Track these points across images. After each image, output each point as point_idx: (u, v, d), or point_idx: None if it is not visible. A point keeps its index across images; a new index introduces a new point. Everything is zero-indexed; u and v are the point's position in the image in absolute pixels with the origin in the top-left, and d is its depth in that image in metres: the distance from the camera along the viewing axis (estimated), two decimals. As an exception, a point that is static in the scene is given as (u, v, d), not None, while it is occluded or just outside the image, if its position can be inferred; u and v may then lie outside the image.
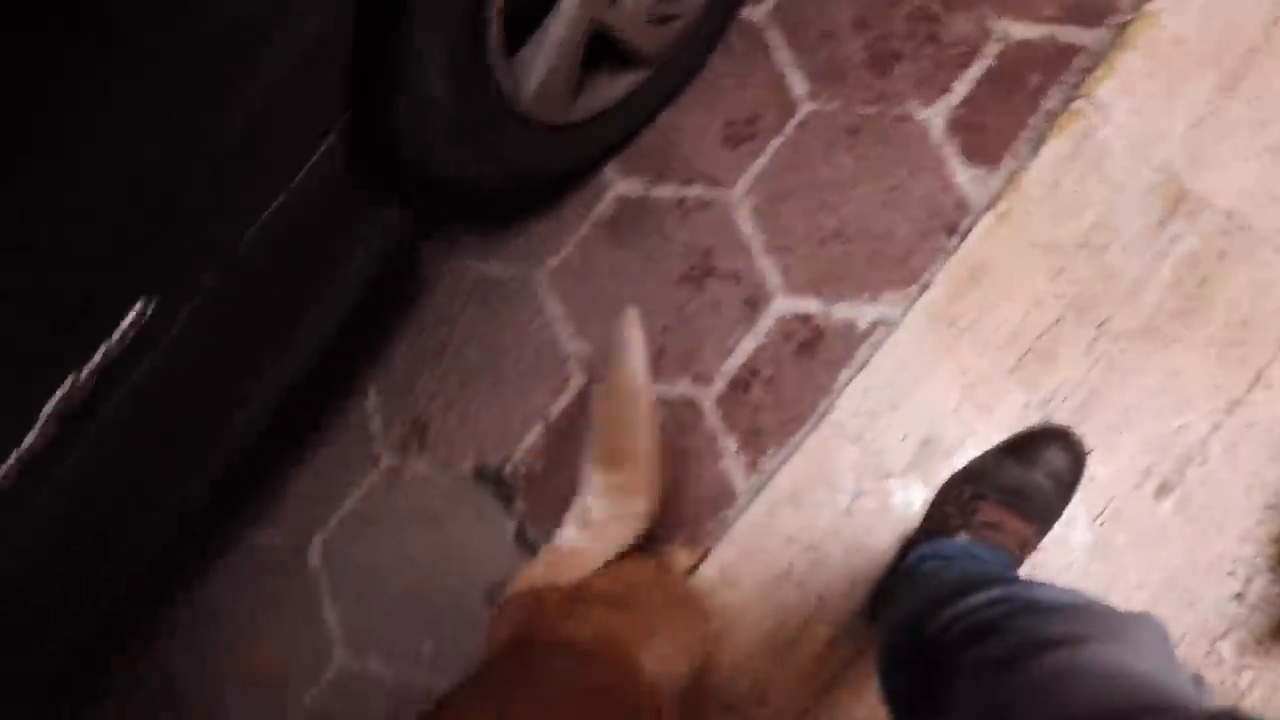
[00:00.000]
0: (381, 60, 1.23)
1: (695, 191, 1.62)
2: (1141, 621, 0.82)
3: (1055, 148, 1.50)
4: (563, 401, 1.57)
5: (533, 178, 1.55)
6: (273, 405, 1.42)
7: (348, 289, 1.40)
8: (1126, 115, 1.48)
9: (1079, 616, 0.86)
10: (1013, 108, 1.55)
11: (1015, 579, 1.10)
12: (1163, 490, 1.33)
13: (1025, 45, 1.59)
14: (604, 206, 1.65)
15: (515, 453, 1.56)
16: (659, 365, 1.53)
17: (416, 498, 1.60)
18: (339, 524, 1.65)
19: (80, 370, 1.16)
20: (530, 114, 1.40)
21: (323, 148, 1.23)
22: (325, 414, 1.68)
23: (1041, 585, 1.00)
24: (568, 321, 1.60)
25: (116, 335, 1.17)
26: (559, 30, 1.35)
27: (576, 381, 1.57)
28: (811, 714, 1.36)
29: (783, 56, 1.67)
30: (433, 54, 1.24)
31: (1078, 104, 1.50)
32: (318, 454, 1.69)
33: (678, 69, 1.65)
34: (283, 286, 1.34)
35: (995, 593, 0.97)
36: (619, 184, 1.66)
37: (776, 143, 1.61)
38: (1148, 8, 1.54)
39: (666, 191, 1.63)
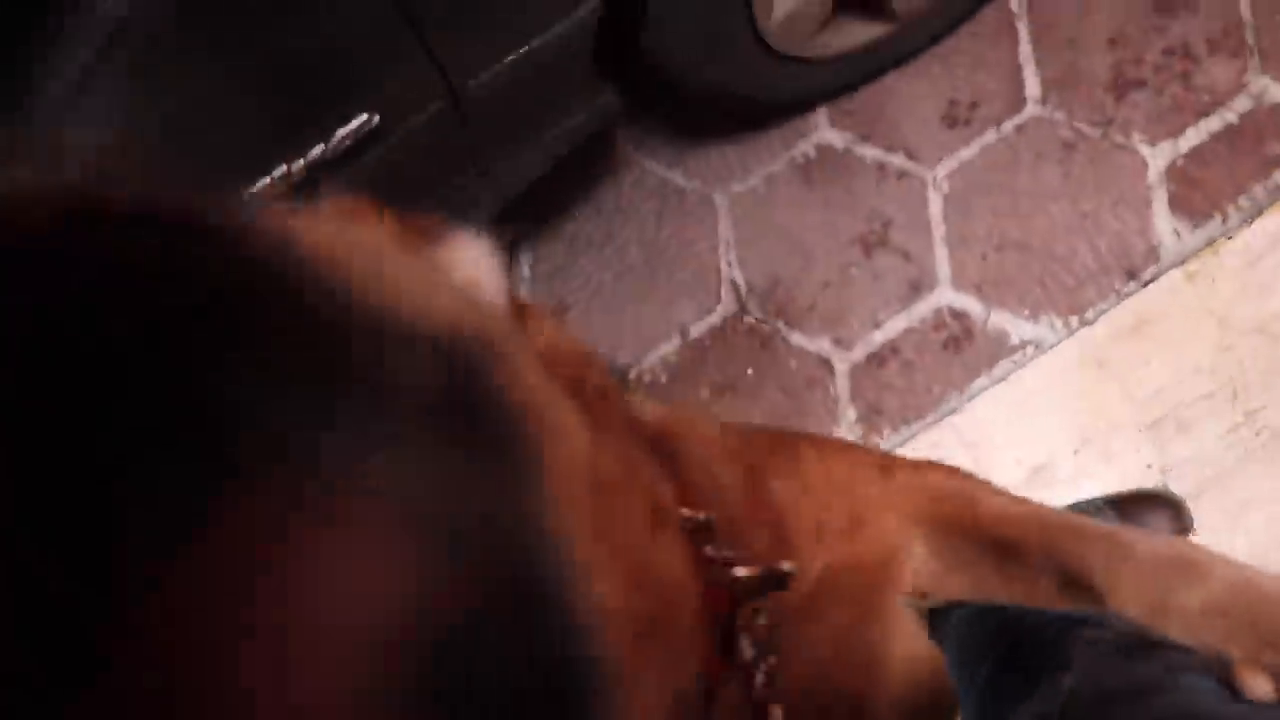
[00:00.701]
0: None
1: (897, 160, 1.69)
2: None
3: (1269, 224, 1.53)
4: (707, 323, 1.68)
5: (750, 98, 1.65)
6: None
7: (548, 152, 1.53)
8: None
9: None
10: (1238, 171, 1.58)
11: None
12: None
13: (1277, 110, 1.60)
14: (804, 148, 1.73)
15: (646, 358, 1.69)
16: (807, 318, 1.64)
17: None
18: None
19: (293, 163, 1.32)
20: (771, 37, 1.50)
21: (579, 11, 1.35)
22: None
23: None
24: (734, 248, 1.70)
25: (335, 139, 1.32)
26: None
27: (725, 308, 1.69)
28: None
29: (1025, 51, 1.71)
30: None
31: (1308, 189, 1.53)
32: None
33: (921, 33, 1.70)
34: (494, 132, 1.47)
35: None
36: (825, 131, 1.73)
37: (991, 136, 1.67)
38: None
39: (869, 152, 1.71)
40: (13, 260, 0.21)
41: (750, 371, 1.62)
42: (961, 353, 1.58)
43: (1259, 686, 1.23)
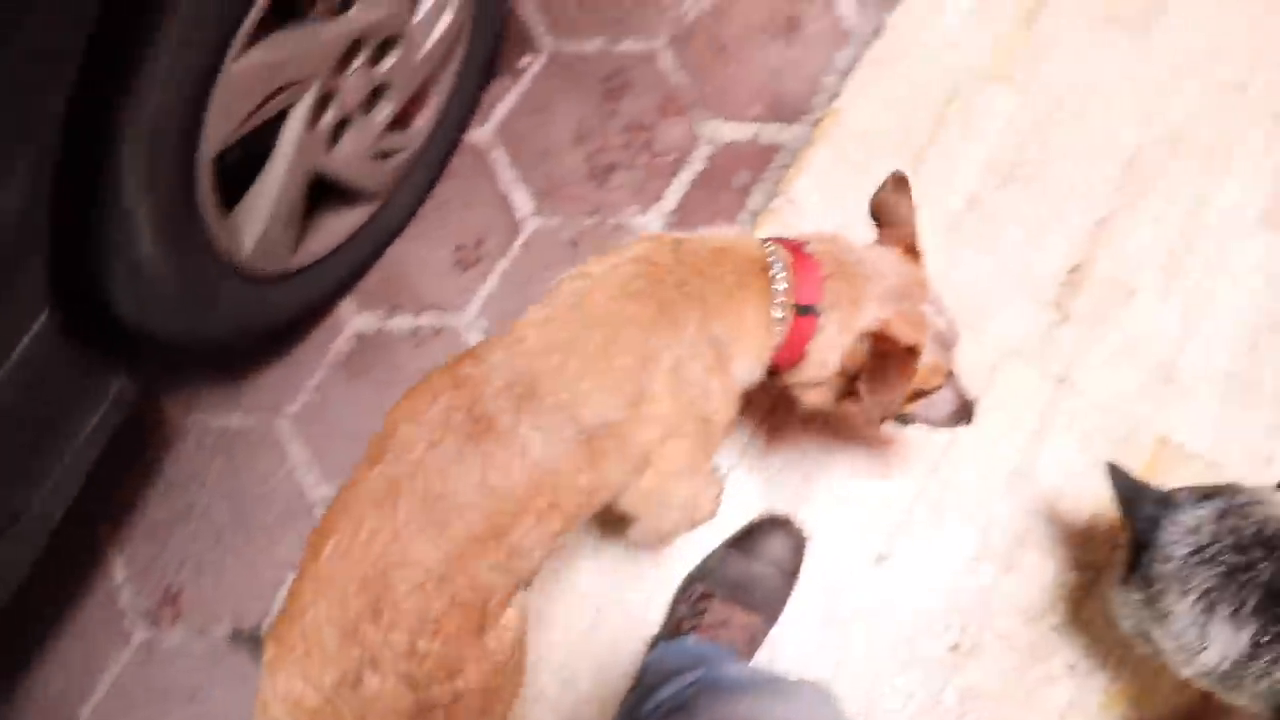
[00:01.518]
0: (90, 225, 1.34)
1: (428, 320, 1.79)
2: (808, 686, 1.06)
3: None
4: (313, 548, 1.69)
5: (263, 326, 1.68)
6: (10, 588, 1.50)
7: (75, 464, 1.51)
8: (819, 207, 1.72)
9: (755, 686, 1.11)
10: (722, 208, 1.78)
11: (711, 662, 1.29)
12: (880, 560, 1.54)
13: (732, 146, 1.83)
14: (341, 344, 1.80)
15: (271, 607, 1.67)
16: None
17: (174, 671, 1.67)
18: (93, 714, 1.67)
19: None
20: (251, 267, 1.54)
21: (30, 334, 1.34)
22: (68, 595, 1.74)
23: (730, 665, 1.27)
24: (312, 466, 1.74)
25: None
26: (274, 183, 1.49)
27: (325, 525, 1.70)
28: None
29: (507, 175, 1.87)
30: (141, 215, 1.34)
31: (776, 201, 1.74)
32: (63, 640, 1.72)
33: (405, 198, 1.82)
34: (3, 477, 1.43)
35: (690, 676, 1.20)
36: (355, 320, 1.82)
37: (503, 264, 1.80)
38: (835, 105, 1.79)
39: (402, 323, 1.80)
40: None
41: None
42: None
43: None
